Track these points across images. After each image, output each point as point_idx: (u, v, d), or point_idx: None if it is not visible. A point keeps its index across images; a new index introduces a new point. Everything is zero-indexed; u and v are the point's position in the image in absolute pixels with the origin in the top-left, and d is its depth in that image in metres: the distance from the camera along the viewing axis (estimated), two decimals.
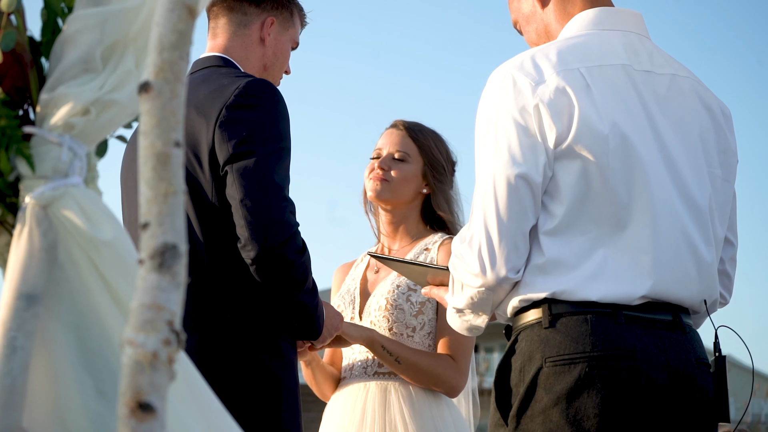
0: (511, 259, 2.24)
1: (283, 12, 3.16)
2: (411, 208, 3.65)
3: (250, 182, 2.70)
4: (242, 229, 2.70)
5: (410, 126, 3.68)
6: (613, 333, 2.20)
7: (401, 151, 3.62)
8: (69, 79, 1.39)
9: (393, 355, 3.39)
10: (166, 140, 1.10)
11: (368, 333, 3.40)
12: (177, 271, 1.08)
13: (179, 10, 1.11)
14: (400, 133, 3.66)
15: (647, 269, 2.25)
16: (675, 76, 2.41)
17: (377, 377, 3.48)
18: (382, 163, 3.60)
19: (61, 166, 1.37)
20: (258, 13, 3.12)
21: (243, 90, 2.82)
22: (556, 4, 2.50)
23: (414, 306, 3.46)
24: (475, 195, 2.31)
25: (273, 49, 3.13)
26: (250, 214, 2.69)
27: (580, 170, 2.24)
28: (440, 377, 3.43)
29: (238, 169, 2.72)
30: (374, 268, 3.69)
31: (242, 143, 2.74)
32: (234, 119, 2.78)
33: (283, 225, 2.70)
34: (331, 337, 3.13)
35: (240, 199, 2.71)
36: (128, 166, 3.07)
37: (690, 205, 2.32)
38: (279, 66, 3.16)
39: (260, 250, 2.68)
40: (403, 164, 3.61)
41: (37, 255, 1.34)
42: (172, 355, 1.07)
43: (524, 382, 2.24)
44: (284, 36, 3.16)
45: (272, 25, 3.12)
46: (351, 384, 3.53)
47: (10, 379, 1.29)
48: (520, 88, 2.27)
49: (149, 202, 1.09)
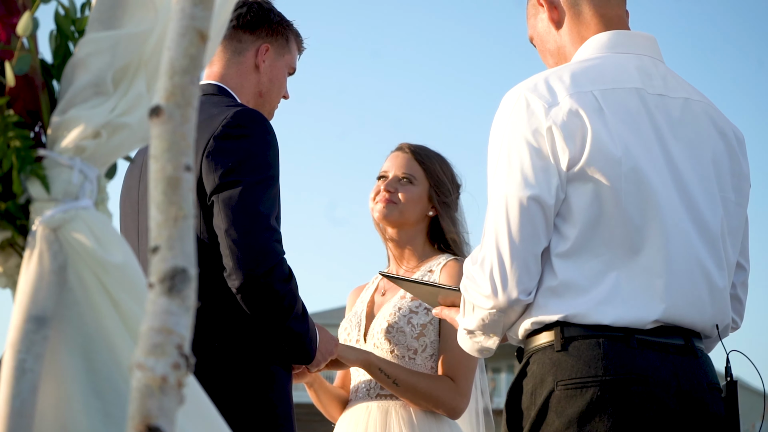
0: (523, 281, 2.24)
1: (279, 39, 3.17)
2: (417, 230, 3.66)
3: (235, 212, 2.72)
4: (227, 259, 2.71)
5: (416, 149, 3.70)
6: (626, 357, 2.19)
7: (407, 174, 3.64)
8: (80, 102, 1.39)
9: (391, 378, 3.39)
10: (176, 164, 1.10)
11: (365, 356, 3.40)
12: (187, 295, 1.08)
13: (190, 34, 1.12)
14: (406, 155, 3.68)
15: (660, 293, 2.24)
16: (688, 99, 2.41)
17: (379, 398, 3.49)
18: (389, 186, 3.62)
19: (71, 188, 1.37)
20: (253, 41, 3.14)
21: (231, 120, 2.83)
22: (570, 27, 2.50)
23: (415, 328, 3.46)
24: (487, 216, 2.31)
25: (268, 76, 3.15)
26: (235, 244, 2.70)
27: (592, 193, 2.24)
28: (439, 399, 3.42)
29: (223, 199, 2.74)
30: (382, 290, 3.70)
31: (228, 173, 2.75)
32: (221, 149, 2.79)
33: (267, 254, 2.71)
34: (326, 361, 3.12)
35: (225, 229, 2.72)
36: (126, 193, 3.09)
37: (702, 229, 2.32)
38: (275, 92, 3.17)
39: (245, 279, 2.69)
40: (410, 186, 3.63)
41: (47, 277, 1.34)
42: (182, 379, 1.07)
43: (536, 405, 2.23)
44: (280, 62, 3.17)
45: (267, 52, 3.13)
46: (355, 405, 3.53)
47: (18, 401, 1.29)
48: (533, 110, 2.27)
49: (159, 226, 1.09)
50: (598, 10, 2.49)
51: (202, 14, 1.12)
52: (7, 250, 1.41)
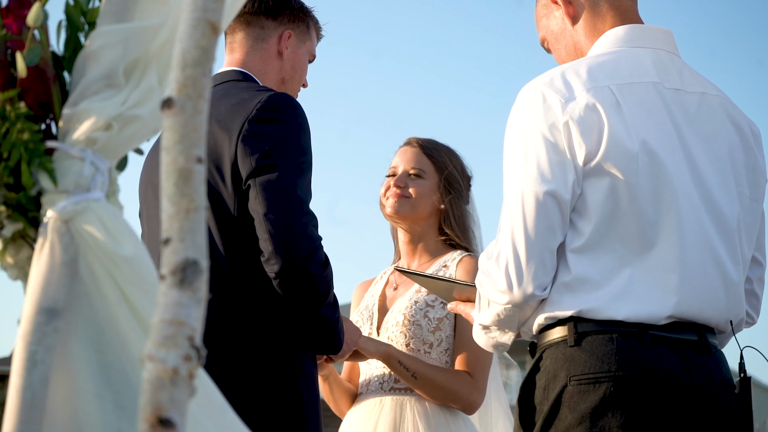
0: (539, 276, 2.23)
1: (300, 25, 3.16)
2: (429, 224, 3.65)
3: (273, 196, 2.70)
4: (266, 243, 2.70)
5: (424, 143, 3.70)
6: (639, 353, 2.18)
7: (417, 168, 3.64)
8: (92, 95, 1.39)
9: (410, 371, 3.38)
10: (188, 156, 1.10)
11: (385, 348, 3.40)
12: (198, 287, 1.08)
13: (202, 26, 1.11)
14: (415, 150, 3.68)
15: (674, 288, 2.23)
16: (705, 94, 2.40)
17: (393, 392, 3.48)
18: (399, 181, 3.62)
19: (83, 180, 1.37)
20: (275, 27, 3.12)
21: (265, 104, 2.82)
22: (586, 21, 2.49)
23: (431, 322, 3.46)
24: (502, 211, 2.30)
25: (291, 62, 3.13)
26: (274, 228, 2.69)
27: (608, 188, 2.23)
28: (456, 393, 3.42)
29: (261, 182, 2.72)
30: (393, 284, 3.69)
31: (265, 157, 2.74)
32: (256, 133, 2.78)
33: (306, 239, 2.70)
34: (350, 351, 3.13)
35: (263, 213, 2.70)
36: (147, 181, 3.08)
37: (719, 223, 2.31)
38: (297, 79, 3.17)
39: (284, 264, 2.68)
40: (420, 180, 3.62)
41: (58, 269, 1.34)
42: (193, 370, 1.07)
43: (548, 400, 2.23)
44: (301, 49, 3.16)
45: (290, 39, 3.12)
46: (367, 399, 3.52)
47: (30, 393, 1.29)
48: (549, 104, 2.26)
49: (171, 218, 1.09)
50: (614, 2, 2.49)
51: (214, 6, 1.12)
52: (19, 242, 1.41)
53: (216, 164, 2.81)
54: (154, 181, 3.00)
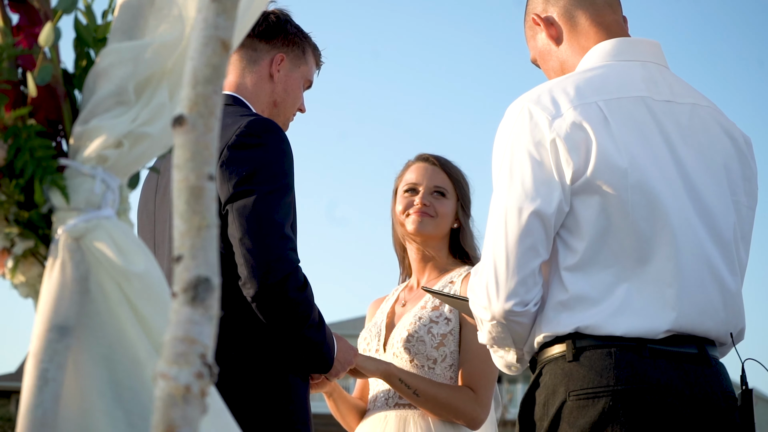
0: (519, 293, 2.23)
1: (295, 49, 3.18)
2: (443, 243, 3.67)
3: (249, 221, 2.72)
4: (242, 268, 2.72)
5: (443, 161, 3.72)
6: (638, 367, 2.18)
7: (441, 187, 3.66)
8: (102, 112, 1.39)
9: (411, 388, 3.38)
10: (199, 174, 1.10)
11: (385, 366, 3.40)
12: (210, 305, 1.08)
13: (213, 44, 1.12)
14: (436, 168, 3.69)
15: (671, 302, 2.23)
16: (696, 105, 2.41)
17: (397, 408, 3.48)
18: (425, 198, 3.62)
19: (93, 198, 1.38)
20: (268, 50, 3.15)
21: (245, 129, 2.84)
22: (569, 41, 2.51)
23: (435, 338, 3.46)
24: (487, 228, 2.31)
25: (283, 85, 3.16)
26: (249, 253, 2.70)
27: (599, 205, 2.24)
28: (459, 409, 3.42)
29: (237, 208, 2.74)
30: (402, 301, 3.70)
31: (243, 182, 2.76)
32: (235, 159, 2.80)
33: (282, 262, 2.72)
34: (344, 370, 3.12)
35: (239, 238, 2.73)
36: (142, 207, 3.09)
37: (715, 235, 2.32)
38: (290, 102, 3.18)
39: (259, 288, 2.70)
40: (444, 200, 3.65)
41: (69, 287, 1.34)
42: (205, 388, 1.07)
43: (548, 416, 2.23)
44: (295, 73, 3.18)
45: (282, 62, 3.15)
46: (373, 414, 3.53)
47: (41, 410, 1.29)
48: (536, 121, 2.27)
49: (182, 235, 1.09)
50: (595, 18, 2.49)
51: (225, 24, 1.13)
52: (30, 260, 1.41)
53: None
54: (149, 207, 3.03)
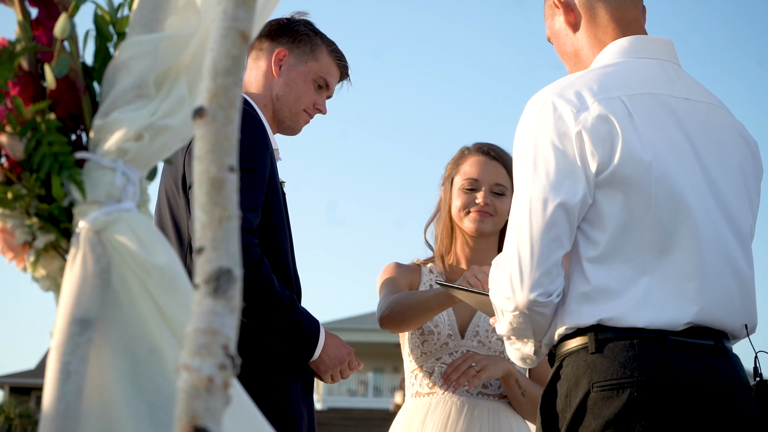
0: (542, 283, 2.23)
1: (300, 46, 3.22)
2: (495, 238, 3.59)
3: None
4: None
5: (503, 156, 3.59)
6: (660, 358, 2.18)
7: (501, 185, 3.55)
8: (122, 105, 1.40)
9: (522, 389, 3.36)
10: (220, 165, 1.10)
11: (509, 366, 3.36)
12: (232, 296, 1.08)
13: (233, 35, 1.12)
14: (496, 164, 3.57)
15: (692, 296, 2.23)
16: (710, 104, 2.42)
17: (481, 397, 3.42)
18: (487, 197, 3.52)
19: (114, 191, 1.38)
20: (272, 47, 3.22)
21: None
22: (587, 31, 2.50)
23: None
24: (510, 219, 2.31)
25: (284, 79, 3.20)
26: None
27: (623, 198, 2.23)
28: None
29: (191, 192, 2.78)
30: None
31: None
32: None
33: None
34: (337, 366, 3.07)
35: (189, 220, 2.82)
36: None
37: (735, 230, 2.32)
38: (293, 97, 3.20)
39: None
40: (503, 198, 3.54)
41: (91, 280, 1.34)
42: (228, 379, 1.07)
43: (571, 407, 2.22)
44: (300, 67, 3.21)
45: (284, 57, 3.20)
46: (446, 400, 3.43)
47: (64, 403, 1.29)
48: (560, 114, 2.27)
49: (204, 227, 1.09)
50: (615, 13, 2.48)
51: (245, 15, 1.12)
52: (51, 253, 1.41)
53: (173, 178, 2.94)
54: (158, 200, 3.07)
